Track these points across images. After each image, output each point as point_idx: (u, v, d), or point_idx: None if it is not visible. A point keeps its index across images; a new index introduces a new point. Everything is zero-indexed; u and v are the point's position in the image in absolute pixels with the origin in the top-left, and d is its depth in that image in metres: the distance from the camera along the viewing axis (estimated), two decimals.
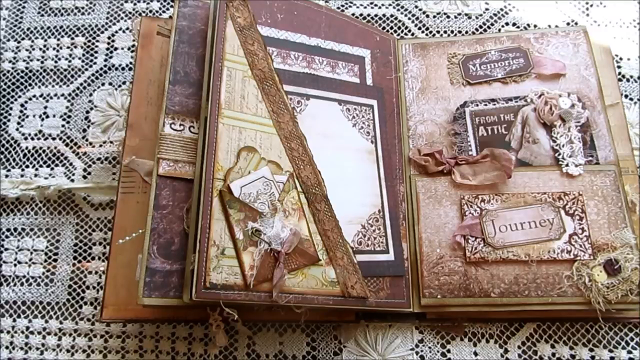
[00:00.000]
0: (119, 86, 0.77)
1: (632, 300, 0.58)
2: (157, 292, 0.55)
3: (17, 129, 0.75)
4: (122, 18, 0.81)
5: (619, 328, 0.63)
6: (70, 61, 0.78)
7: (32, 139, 0.75)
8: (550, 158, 0.65)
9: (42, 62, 0.79)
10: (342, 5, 0.80)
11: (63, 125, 0.75)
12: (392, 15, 0.80)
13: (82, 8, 0.81)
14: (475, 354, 0.63)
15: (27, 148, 0.74)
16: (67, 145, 0.74)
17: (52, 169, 0.73)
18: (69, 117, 0.75)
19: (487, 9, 0.79)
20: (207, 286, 0.52)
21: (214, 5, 0.62)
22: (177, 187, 0.59)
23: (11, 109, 0.77)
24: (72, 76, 0.78)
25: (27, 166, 0.73)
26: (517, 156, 0.65)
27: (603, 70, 0.69)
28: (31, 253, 0.70)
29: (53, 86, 0.77)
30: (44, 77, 0.78)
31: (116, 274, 0.60)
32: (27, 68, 0.78)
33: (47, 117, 0.76)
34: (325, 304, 0.56)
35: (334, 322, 0.63)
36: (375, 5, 0.80)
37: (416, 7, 0.80)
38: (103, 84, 0.77)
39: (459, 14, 0.79)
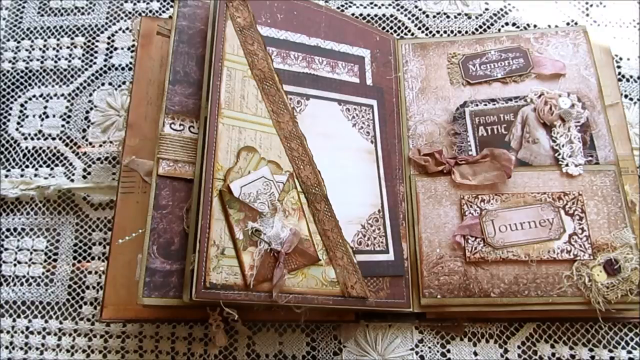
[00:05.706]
0: (119, 86, 0.77)
1: (632, 300, 0.58)
2: (156, 292, 0.55)
3: (17, 129, 0.75)
4: (122, 18, 0.81)
5: (618, 328, 0.63)
6: (70, 61, 0.78)
7: (32, 139, 0.75)
8: (550, 158, 0.65)
9: (42, 62, 0.79)
10: (342, 5, 0.80)
11: (63, 125, 0.75)
12: (392, 15, 0.80)
13: (82, 8, 0.81)
14: (475, 354, 0.63)
15: (26, 148, 0.74)
16: (67, 145, 0.74)
17: (52, 169, 0.73)
18: (69, 117, 0.75)
19: (487, 9, 0.79)
20: (207, 286, 0.52)
21: (213, 5, 0.62)
22: (177, 187, 0.59)
23: (11, 109, 0.77)
24: (72, 76, 0.78)
25: (27, 166, 0.73)
26: (517, 156, 0.65)
27: (603, 70, 0.69)
28: (31, 253, 0.70)
29: (53, 86, 0.77)
30: (43, 77, 0.78)
31: (116, 274, 0.60)
32: (27, 68, 0.78)
33: (47, 117, 0.76)
34: (325, 304, 0.56)
35: (333, 322, 0.63)
36: (375, 5, 0.80)
37: (416, 7, 0.80)
38: (103, 84, 0.77)
39: (459, 14, 0.79)
